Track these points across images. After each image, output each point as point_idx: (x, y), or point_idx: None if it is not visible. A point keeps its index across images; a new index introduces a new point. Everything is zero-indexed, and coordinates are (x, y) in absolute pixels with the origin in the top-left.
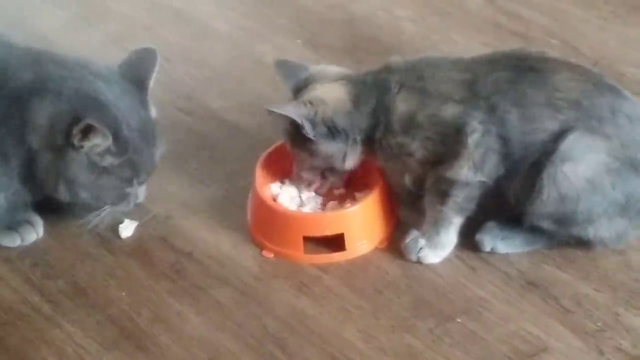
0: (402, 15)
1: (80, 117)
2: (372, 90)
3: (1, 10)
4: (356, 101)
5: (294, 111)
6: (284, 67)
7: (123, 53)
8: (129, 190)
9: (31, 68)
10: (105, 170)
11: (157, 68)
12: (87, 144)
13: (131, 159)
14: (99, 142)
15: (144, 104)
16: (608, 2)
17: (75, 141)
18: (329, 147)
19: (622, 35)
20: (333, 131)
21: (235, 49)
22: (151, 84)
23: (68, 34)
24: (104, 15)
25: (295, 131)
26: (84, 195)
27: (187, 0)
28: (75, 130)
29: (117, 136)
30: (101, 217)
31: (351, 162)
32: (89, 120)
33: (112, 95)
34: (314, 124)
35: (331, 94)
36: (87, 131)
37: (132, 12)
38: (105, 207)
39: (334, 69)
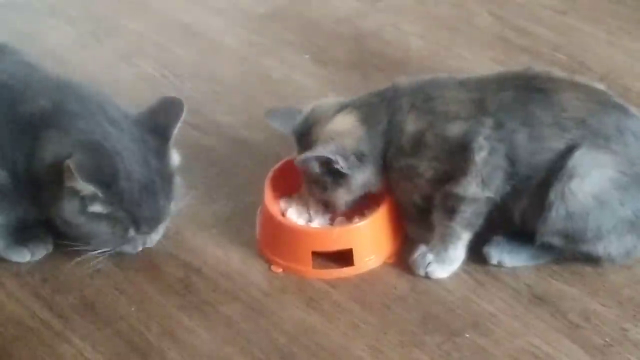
0: (410, 31)
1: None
2: (382, 109)
3: (11, 25)
4: (368, 122)
5: (325, 151)
6: (276, 115)
7: (133, 69)
8: (125, 238)
9: (50, 96)
10: (95, 217)
11: (182, 119)
12: (70, 184)
13: (126, 210)
14: (81, 187)
15: (161, 154)
16: (615, 17)
17: (66, 181)
18: (362, 176)
19: (630, 49)
20: (361, 159)
21: (243, 65)
22: (174, 133)
23: (77, 50)
24: (113, 31)
25: (326, 173)
26: (78, 234)
27: (196, 16)
28: (64, 170)
29: (110, 186)
30: (99, 260)
31: (381, 181)
32: (71, 163)
33: (119, 144)
34: (345, 157)
35: (344, 124)
36: (70, 174)
37: (142, 28)
38: (104, 250)
39: (329, 101)
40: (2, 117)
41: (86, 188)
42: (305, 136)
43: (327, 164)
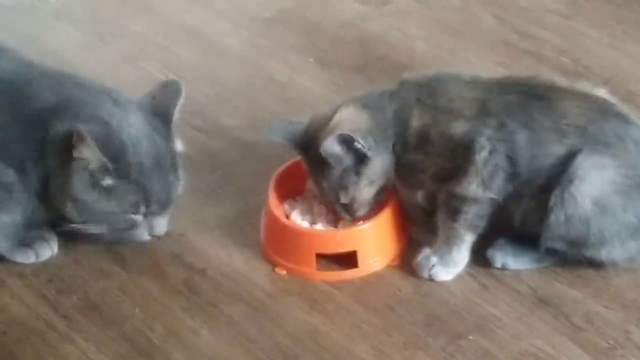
0: (415, 34)
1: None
2: (384, 99)
3: (15, 28)
4: (368, 109)
5: (344, 130)
6: (276, 129)
7: (137, 71)
8: (136, 217)
9: (54, 90)
10: (105, 192)
11: (181, 100)
12: (79, 155)
13: (137, 184)
14: (89, 155)
15: (165, 135)
16: (619, 21)
17: (74, 152)
18: (381, 160)
19: (634, 54)
20: (376, 139)
21: (247, 67)
22: (175, 115)
23: (82, 53)
24: (118, 34)
25: (350, 163)
26: (89, 215)
27: (201, 19)
28: (73, 141)
29: (118, 158)
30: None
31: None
32: (80, 129)
33: (125, 122)
34: (363, 137)
35: (347, 114)
36: (79, 141)
37: (146, 30)
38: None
39: (324, 108)
40: (7, 115)
41: (95, 159)
42: (311, 144)
43: (348, 146)
